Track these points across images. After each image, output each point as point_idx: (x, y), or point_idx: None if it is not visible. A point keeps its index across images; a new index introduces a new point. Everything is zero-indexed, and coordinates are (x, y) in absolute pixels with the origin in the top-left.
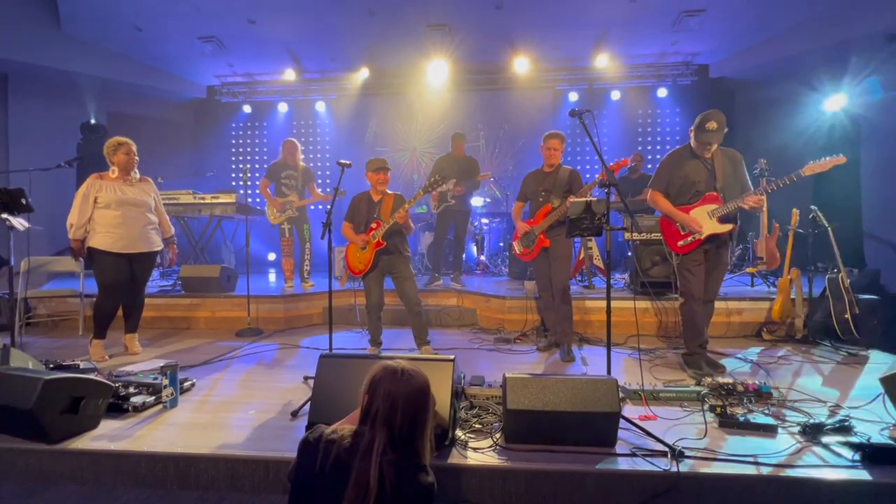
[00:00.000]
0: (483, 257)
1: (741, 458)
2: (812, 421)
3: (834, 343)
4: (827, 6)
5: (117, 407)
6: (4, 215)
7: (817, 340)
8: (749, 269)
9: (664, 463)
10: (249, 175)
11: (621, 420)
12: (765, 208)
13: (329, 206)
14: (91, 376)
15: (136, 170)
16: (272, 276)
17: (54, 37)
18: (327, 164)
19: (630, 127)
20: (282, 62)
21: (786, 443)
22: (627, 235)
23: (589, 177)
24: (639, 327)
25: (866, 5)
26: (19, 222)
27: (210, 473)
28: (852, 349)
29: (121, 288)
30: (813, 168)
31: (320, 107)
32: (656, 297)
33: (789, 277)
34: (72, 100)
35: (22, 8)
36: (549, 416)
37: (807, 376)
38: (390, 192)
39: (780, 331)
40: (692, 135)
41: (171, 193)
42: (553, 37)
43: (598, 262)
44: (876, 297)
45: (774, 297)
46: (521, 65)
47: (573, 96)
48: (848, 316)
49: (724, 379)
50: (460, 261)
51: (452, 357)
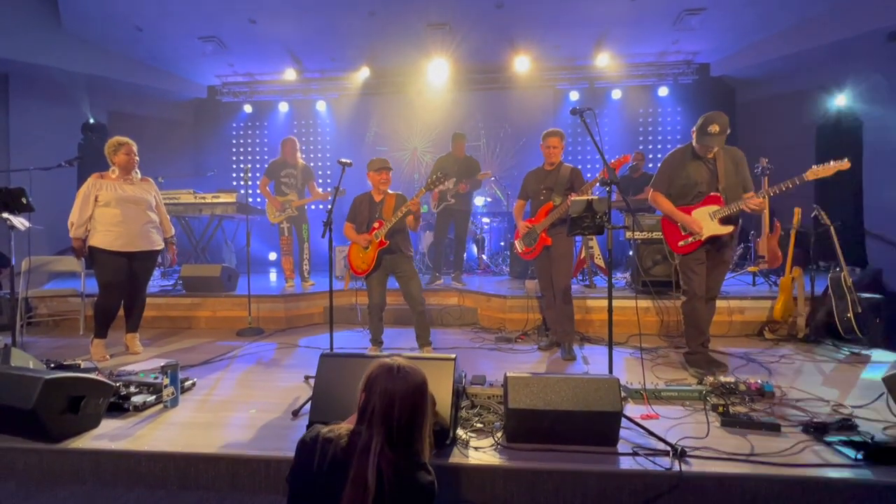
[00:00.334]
0: (484, 256)
1: (744, 458)
2: (815, 420)
3: (836, 342)
4: (827, 5)
5: (118, 406)
6: (5, 215)
7: (819, 339)
8: (751, 268)
9: (666, 462)
10: (250, 175)
11: (623, 419)
12: (766, 207)
13: (329, 205)
14: (92, 376)
15: (137, 170)
16: (273, 276)
17: (55, 37)
18: (328, 164)
19: (631, 126)
20: (282, 62)
21: (788, 442)
22: (629, 234)
23: (590, 175)
24: (640, 326)
25: (866, 4)
26: (20, 222)
27: (211, 473)
28: (854, 348)
29: (121, 287)
30: (816, 172)
31: (321, 106)
32: (657, 296)
33: (791, 276)
34: (73, 99)
35: (23, 8)
36: (550, 416)
37: (809, 375)
38: (391, 191)
39: (782, 330)
40: (694, 136)
41: (172, 193)
42: (554, 36)
43: (599, 262)
44: (878, 296)
45: (776, 296)
46: (522, 64)
47: (574, 95)
48: (850, 315)
49: (726, 378)
50: (461, 260)
51: (453, 356)
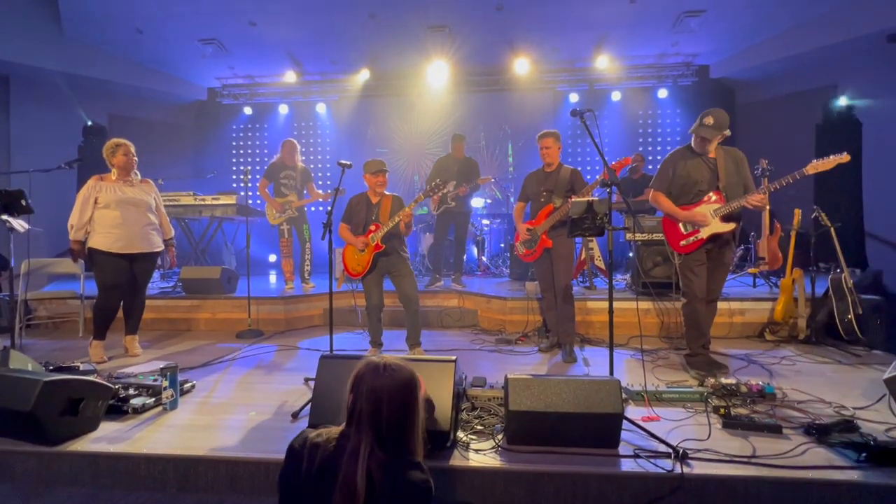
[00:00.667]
0: (484, 258)
1: (745, 460)
2: (816, 422)
3: (837, 344)
4: (827, 6)
5: (117, 409)
6: (4, 217)
7: (820, 341)
8: (751, 270)
9: (668, 464)
10: (250, 177)
11: (624, 421)
12: (767, 208)
13: (329, 207)
14: (91, 378)
15: (137, 171)
16: (273, 278)
17: (56, 39)
18: (328, 166)
19: (631, 128)
20: (282, 64)
21: (790, 444)
22: (629, 236)
23: (590, 177)
24: (641, 328)
25: (866, 5)
26: (19, 224)
27: (210, 475)
28: (855, 350)
29: (120, 289)
30: (816, 167)
31: (321, 108)
32: (658, 297)
33: (792, 278)
34: (73, 102)
35: (24, 11)
36: (551, 418)
37: (810, 377)
38: (388, 193)
39: (783, 331)
40: (693, 133)
41: (172, 195)
42: (553, 38)
43: (600, 263)
44: (879, 298)
45: (777, 297)
46: (522, 66)
47: (574, 97)
48: (851, 316)
49: (727, 380)
50: (461, 262)
51: (454, 358)
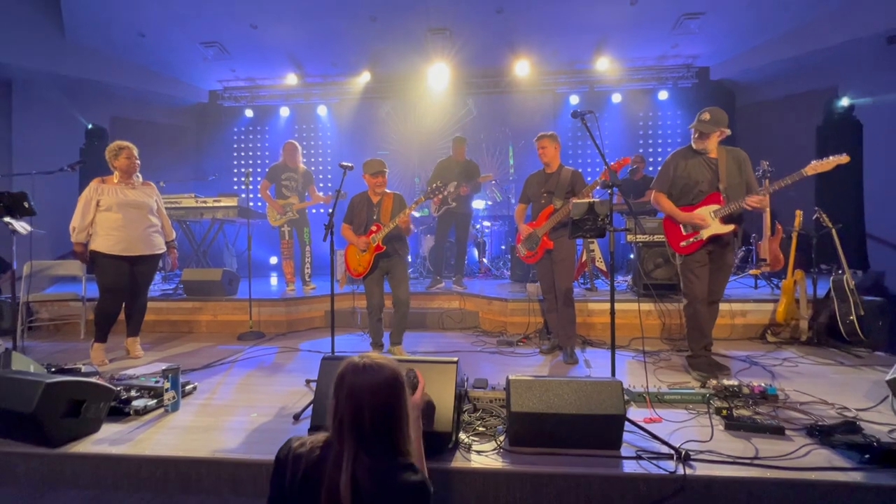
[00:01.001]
0: (485, 260)
1: (748, 461)
2: (819, 423)
3: (839, 345)
4: (827, 8)
5: (119, 410)
6: (7, 219)
7: (822, 342)
8: (752, 271)
9: (670, 466)
10: (251, 179)
11: (626, 423)
12: (768, 210)
13: (331, 209)
14: (92, 380)
15: (139, 174)
16: (274, 280)
17: (58, 43)
18: (329, 168)
19: (631, 129)
20: (284, 67)
21: (793, 445)
22: (630, 237)
23: (590, 179)
24: (643, 329)
25: (866, 6)
26: (22, 226)
27: (211, 477)
28: (858, 351)
29: (122, 291)
30: (816, 167)
31: (322, 111)
32: (659, 299)
33: (793, 279)
34: (75, 105)
35: (26, 14)
36: (553, 419)
37: (812, 378)
38: (389, 191)
39: (785, 333)
40: (692, 129)
41: (173, 197)
42: (554, 40)
43: (601, 265)
44: (881, 299)
45: (778, 298)
46: (522, 68)
47: (574, 99)
48: (853, 318)
49: (729, 381)
50: (462, 263)
51: (456, 359)
